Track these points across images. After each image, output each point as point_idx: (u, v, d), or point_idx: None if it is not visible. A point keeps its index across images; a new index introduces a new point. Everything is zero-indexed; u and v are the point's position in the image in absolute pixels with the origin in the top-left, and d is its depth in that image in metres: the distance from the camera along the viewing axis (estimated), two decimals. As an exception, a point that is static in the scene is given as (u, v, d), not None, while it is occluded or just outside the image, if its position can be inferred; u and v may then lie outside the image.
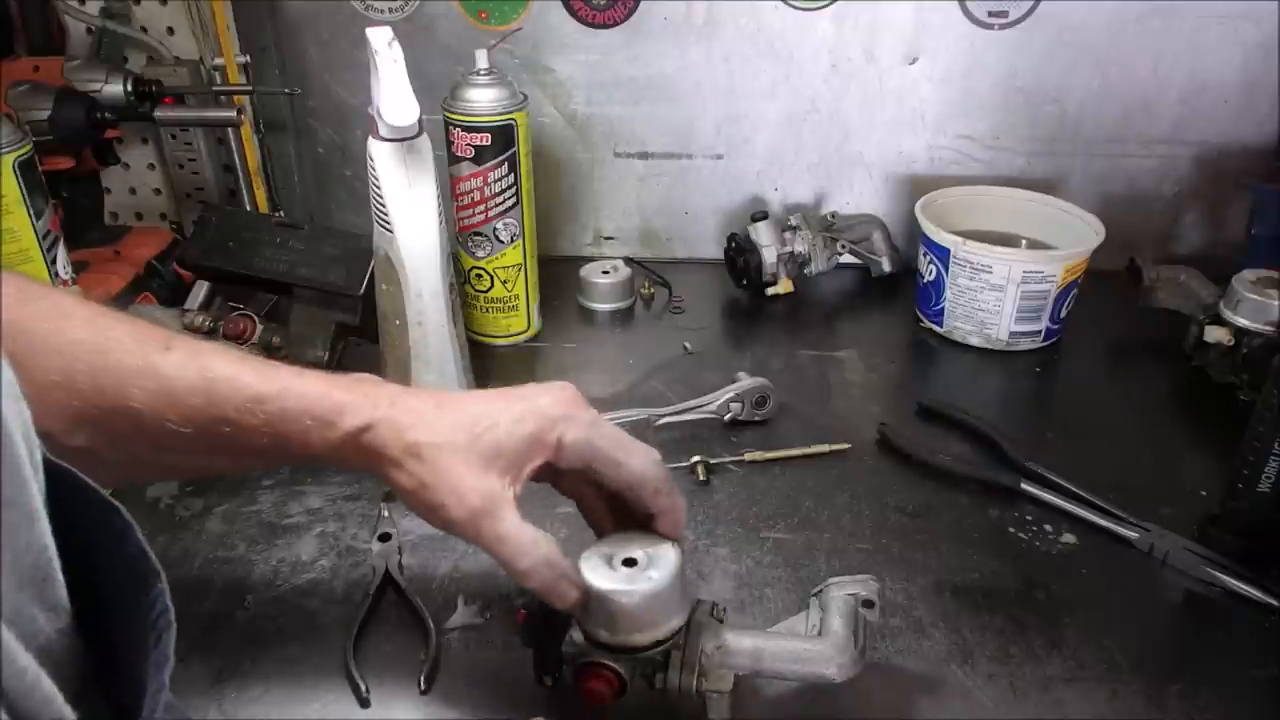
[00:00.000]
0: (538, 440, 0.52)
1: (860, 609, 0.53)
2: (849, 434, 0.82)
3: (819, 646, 0.51)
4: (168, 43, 1.05)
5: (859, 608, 0.53)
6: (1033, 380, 0.94)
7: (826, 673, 0.51)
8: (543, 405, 0.53)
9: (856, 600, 0.53)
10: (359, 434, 0.51)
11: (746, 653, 0.51)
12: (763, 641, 0.52)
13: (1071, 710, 0.57)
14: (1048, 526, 0.72)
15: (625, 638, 0.51)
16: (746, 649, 0.51)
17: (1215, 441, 0.80)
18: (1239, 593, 0.65)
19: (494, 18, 1.05)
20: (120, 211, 1.16)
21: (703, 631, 0.52)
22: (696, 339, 0.98)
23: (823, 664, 0.51)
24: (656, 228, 1.17)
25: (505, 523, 0.50)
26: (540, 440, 0.52)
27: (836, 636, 0.51)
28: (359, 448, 0.51)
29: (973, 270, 0.94)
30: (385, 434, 0.51)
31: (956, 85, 1.06)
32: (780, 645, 0.52)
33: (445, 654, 0.60)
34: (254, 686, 0.59)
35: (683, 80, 1.07)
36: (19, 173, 0.78)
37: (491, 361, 0.95)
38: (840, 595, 0.53)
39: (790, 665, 0.51)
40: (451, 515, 0.50)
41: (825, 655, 0.51)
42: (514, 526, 0.50)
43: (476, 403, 0.53)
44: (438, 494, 0.50)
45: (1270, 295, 0.84)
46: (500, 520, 0.50)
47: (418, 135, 0.73)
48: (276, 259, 0.88)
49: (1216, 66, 1.02)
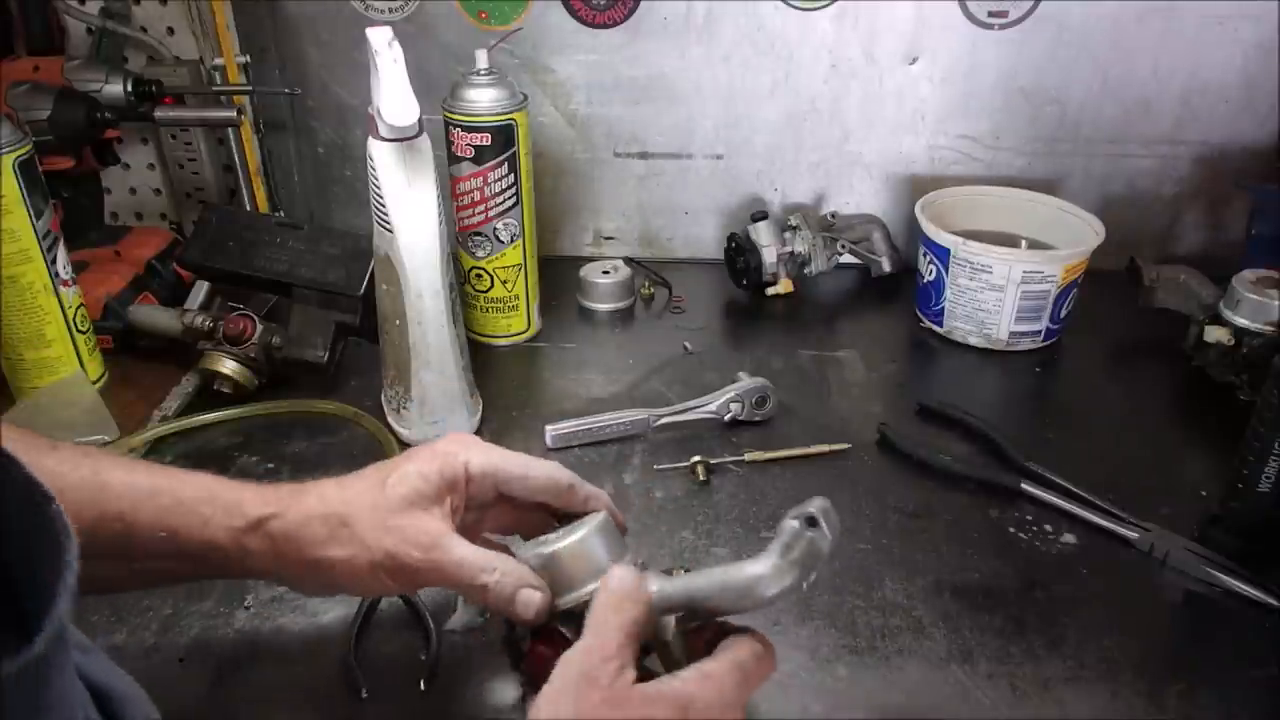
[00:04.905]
0: (447, 474, 0.52)
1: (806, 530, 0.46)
2: (849, 434, 0.82)
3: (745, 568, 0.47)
4: (168, 43, 1.05)
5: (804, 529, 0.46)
6: (1033, 380, 0.94)
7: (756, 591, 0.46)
8: (438, 447, 0.54)
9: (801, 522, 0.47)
10: (266, 521, 0.50)
11: (679, 594, 0.48)
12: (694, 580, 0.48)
13: (1071, 710, 0.57)
14: (1048, 526, 0.72)
15: (564, 598, 0.50)
16: (678, 587, 0.48)
17: (1215, 441, 0.80)
18: (1239, 593, 0.65)
19: (494, 18, 1.05)
20: (120, 211, 1.16)
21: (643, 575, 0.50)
22: (696, 339, 0.98)
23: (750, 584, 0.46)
24: (656, 228, 1.17)
25: (458, 548, 0.50)
26: (450, 472, 0.52)
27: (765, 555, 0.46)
28: (268, 537, 0.50)
29: (973, 270, 0.94)
30: (300, 516, 0.50)
31: (956, 85, 1.06)
32: (710, 578, 0.48)
33: (445, 654, 0.60)
34: (254, 686, 0.59)
35: (683, 80, 1.07)
36: (19, 173, 0.78)
37: (491, 361, 0.95)
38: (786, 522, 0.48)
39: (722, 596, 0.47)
40: (405, 560, 0.50)
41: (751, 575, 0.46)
42: (468, 550, 0.50)
43: (374, 468, 0.54)
44: (381, 547, 0.50)
45: (1270, 295, 0.84)
46: (453, 546, 0.50)
47: (418, 135, 0.73)
48: (276, 259, 0.88)
49: (1216, 66, 1.02)
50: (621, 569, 0.49)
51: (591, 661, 0.44)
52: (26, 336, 0.83)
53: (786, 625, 0.62)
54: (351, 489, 0.52)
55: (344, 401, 0.85)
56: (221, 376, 0.85)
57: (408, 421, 0.80)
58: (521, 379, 0.93)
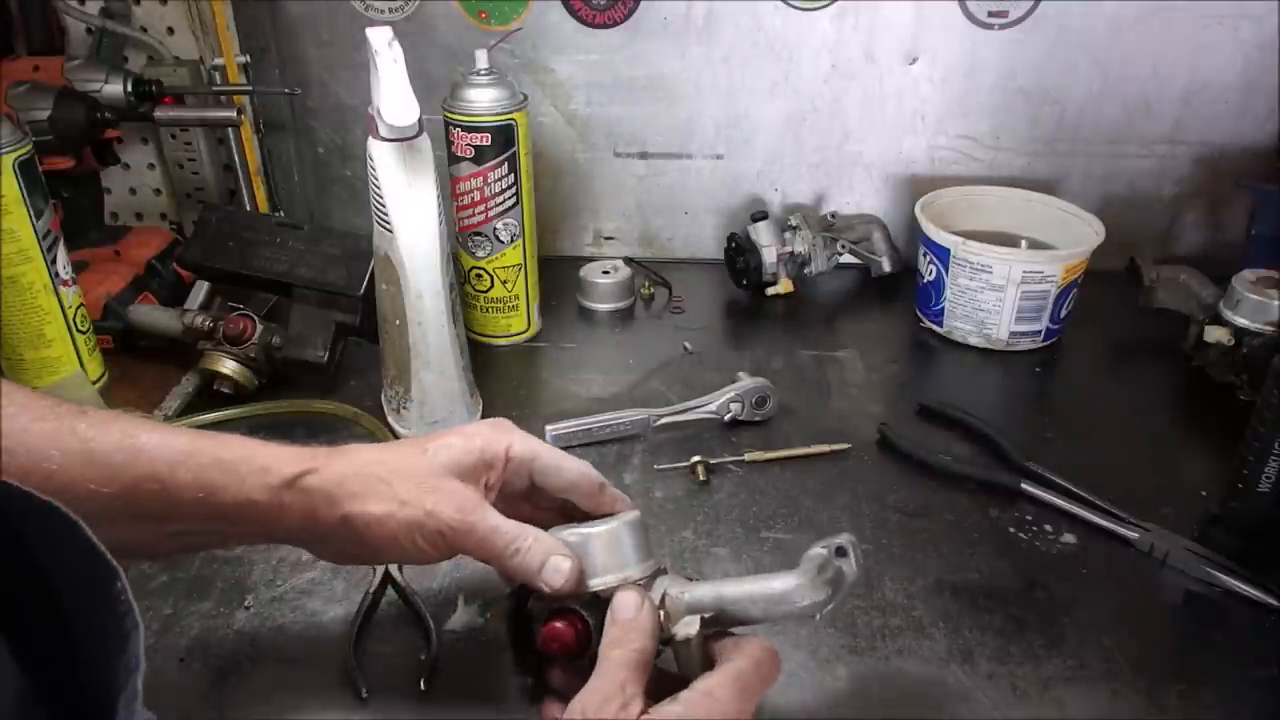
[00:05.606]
0: (488, 453, 0.53)
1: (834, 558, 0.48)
2: (849, 434, 0.82)
3: (780, 580, 0.49)
4: (168, 43, 1.05)
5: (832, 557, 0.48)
6: (1033, 380, 0.94)
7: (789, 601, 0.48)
8: (483, 426, 0.56)
9: (830, 549, 0.48)
10: (303, 476, 0.50)
11: (708, 593, 0.50)
12: (725, 587, 0.50)
13: (1071, 710, 0.57)
14: (1048, 526, 0.72)
15: (588, 583, 0.51)
16: (708, 590, 0.50)
17: (1215, 441, 0.80)
18: (1239, 593, 0.65)
19: (494, 18, 1.05)
20: (120, 211, 1.16)
21: (667, 584, 0.51)
22: (696, 339, 0.98)
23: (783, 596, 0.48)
24: (656, 228, 1.17)
25: (494, 515, 0.51)
26: (491, 452, 0.54)
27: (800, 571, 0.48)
28: (304, 491, 0.50)
29: (973, 270, 0.94)
30: (337, 473, 0.50)
31: (956, 85, 1.06)
32: (742, 587, 0.50)
33: (445, 654, 0.60)
34: (254, 686, 0.59)
35: (683, 80, 1.07)
36: (19, 173, 0.78)
37: (491, 361, 0.95)
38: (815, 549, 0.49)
39: (753, 604, 0.49)
40: (442, 518, 0.50)
41: (784, 587, 0.48)
42: (503, 519, 0.51)
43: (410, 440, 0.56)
44: (420, 504, 0.50)
45: (1270, 295, 0.84)
46: (489, 513, 0.51)
47: (418, 135, 0.73)
48: (276, 259, 0.88)
49: (1216, 66, 1.02)
50: (627, 592, 0.50)
51: (596, 703, 0.44)
52: (26, 336, 0.83)
53: (787, 625, 0.62)
54: (391, 451, 0.54)
55: (344, 401, 0.85)
56: (221, 376, 0.85)
57: (408, 421, 0.80)
58: (521, 379, 0.93)
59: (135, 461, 0.47)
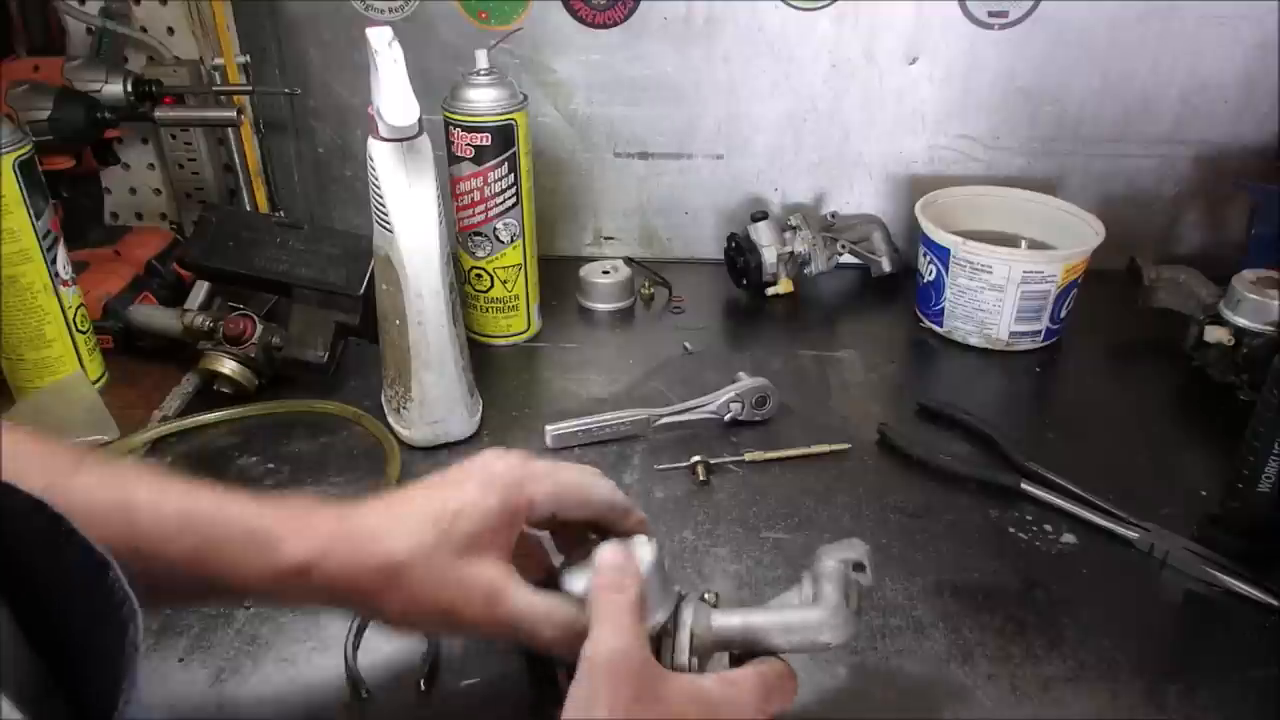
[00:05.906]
0: (508, 509, 0.49)
1: (851, 573, 0.51)
2: (849, 434, 0.82)
3: (810, 613, 0.50)
4: (168, 43, 1.05)
5: (849, 572, 0.50)
6: (1033, 380, 0.94)
7: (820, 638, 0.49)
8: (498, 473, 0.50)
9: (846, 565, 0.50)
10: (309, 571, 0.45)
11: (736, 629, 0.50)
12: (752, 616, 0.51)
13: (1071, 710, 0.57)
14: (1048, 526, 0.72)
15: None
16: (736, 626, 0.50)
17: (1215, 441, 0.80)
18: (1239, 593, 0.65)
19: (494, 18, 1.05)
20: (120, 211, 1.16)
21: (692, 615, 0.51)
22: (696, 339, 0.98)
23: (815, 631, 0.49)
24: (656, 228, 1.17)
25: (516, 600, 0.48)
26: (511, 505, 0.50)
27: (827, 601, 0.49)
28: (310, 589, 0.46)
29: (973, 270, 0.94)
30: (348, 566, 0.46)
31: (956, 85, 1.06)
32: (770, 618, 0.50)
33: (445, 654, 0.60)
34: (254, 686, 0.59)
35: (683, 80, 1.07)
36: (19, 173, 0.78)
37: (491, 361, 0.95)
38: (830, 563, 0.51)
39: (783, 637, 0.50)
40: (464, 614, 0.47)
41: (817, 620, 0.49)
42: (525, 602, 0.48)
43: (427, 495, 0.50)
44: (437, 605, 0.47)
45: (1270, 295, 0.84)
46: (510, 599, 0.48)
47: (418, 135, 0.73)
48: (276, 259, 0.88)
49: (1216, 66, 1.02)
50: (609, 545, 0.50)
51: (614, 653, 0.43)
52: (26, 336, 0.83)
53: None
54: (403, 525, 0.47)
55: (344, 401, 0.85)
56: (221, 376, 0.85)
57: (408, 421, 0.80)
58: (521, 379, 0.93)
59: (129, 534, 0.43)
